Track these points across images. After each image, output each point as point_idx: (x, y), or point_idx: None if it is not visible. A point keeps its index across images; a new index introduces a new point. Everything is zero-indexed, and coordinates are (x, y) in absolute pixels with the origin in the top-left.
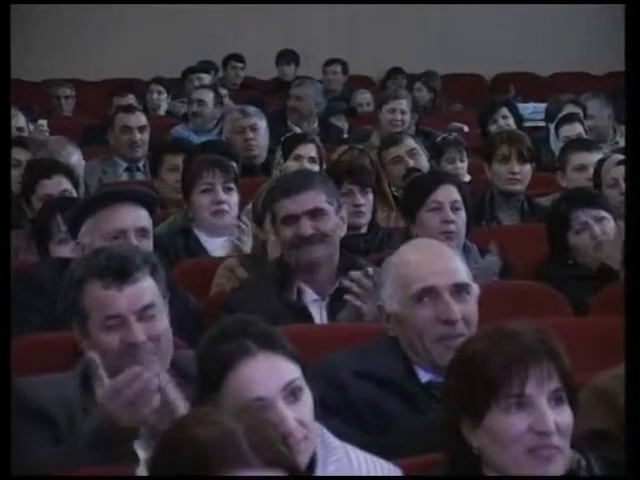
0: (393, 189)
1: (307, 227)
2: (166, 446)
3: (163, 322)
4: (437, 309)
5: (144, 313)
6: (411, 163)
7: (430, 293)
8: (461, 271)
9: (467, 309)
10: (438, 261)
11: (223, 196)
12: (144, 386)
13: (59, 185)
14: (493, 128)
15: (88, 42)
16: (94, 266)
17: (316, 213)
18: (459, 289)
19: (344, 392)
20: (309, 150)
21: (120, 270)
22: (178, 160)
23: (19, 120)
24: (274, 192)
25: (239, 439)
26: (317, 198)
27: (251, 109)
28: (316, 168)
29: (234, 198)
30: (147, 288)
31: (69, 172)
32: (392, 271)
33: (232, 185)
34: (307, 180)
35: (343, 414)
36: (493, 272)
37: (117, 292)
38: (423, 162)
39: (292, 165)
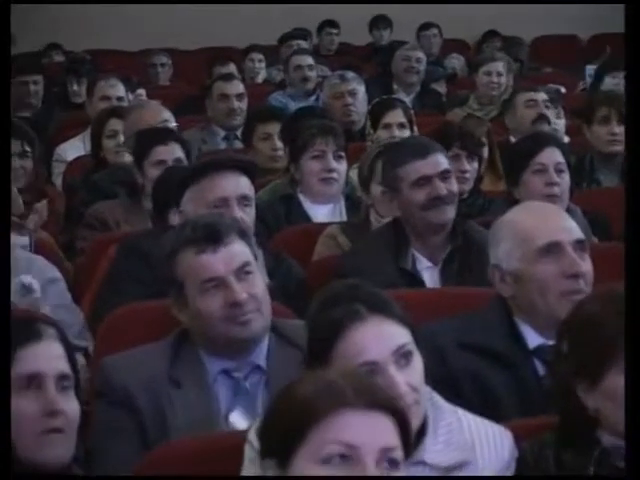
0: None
1: (442, 187)
2: (273, 405)
3: (260, 281)
4: (562, 264)
5: (241, 272)
6: (543, 111)
7: (555, 248)
8: (579, 229)
9: (587, 266)
10: (558, 218)
11: (334, 164)
12: None
13: (173, 153)
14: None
15: (183, 12)
16: (185, 235)
17: (446, 174)
18: (580, 246)
19: (445, 362)
20: (397, 116)
21: (212, 234)
22: (270, 128)
23: (119, 90)
24: (397, 156)
25: (342, 386)
26: (444, 160)
27: (350, 74)
28: (407, 133)
29: (343, 166)
30: (240, 249)
31: (183, 141)
32: (511, 228)
33: (342, 153)
34: (431, 143)
35: (443, 385)
36: None
37: (212, 255)
38: (551, 115)
39: (382, 134)
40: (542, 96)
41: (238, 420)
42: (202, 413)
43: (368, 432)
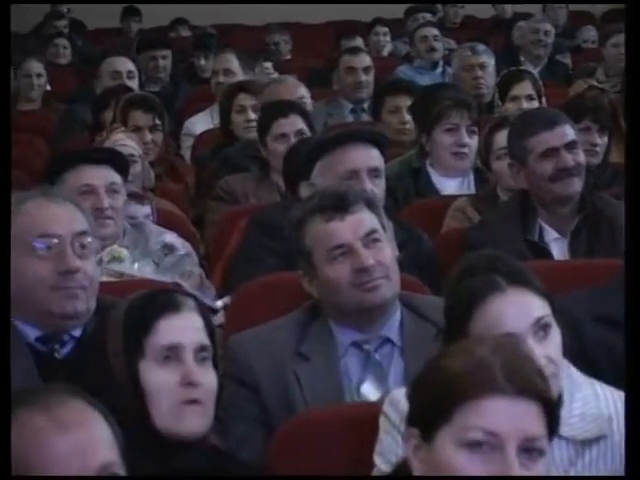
0: None
1: (569, 159)
2: (422, 375)
3: (388, 249)
4: None
5: (368, 239)
6: None
7: None
8: None
9: None
10: None
11: (466, 138)
12: None
13: (295, 125)
14: None
15: None
16: (312, 204)
17: (573, 146)
18: None
19: (579, 335)
20: (525, 88)
21: (339, 202)
22: (399, 102)
23: (226, 63)
24: (524, 127)
25: (493, 367)
26: (571, 131)
27: (481, 47)
28: (535, 105)
29: (475, 141)
30: (367, 216)
31: (304, 113)
32: None
33: (475, 128)
34: (558, 114)
35: (577, 358)
36: None
37: (340, 222)
38: None
39: (510, 107)
40: None
41: (370, 392)
42: (331, 385)
43: (514, 421)
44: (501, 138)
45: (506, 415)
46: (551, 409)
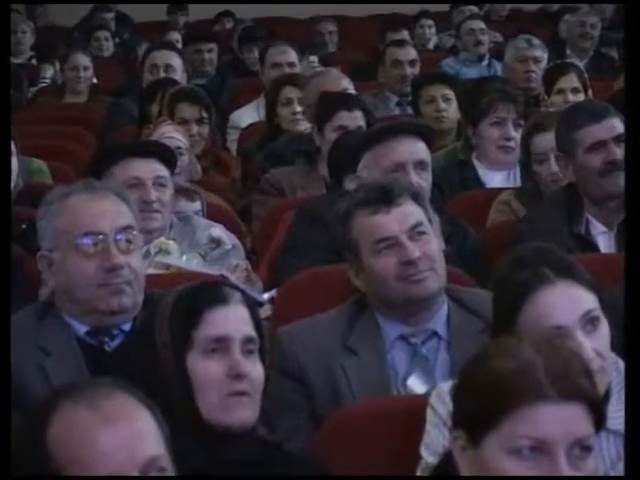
0: None
1: (617, 152)
2: (468, 375)
3: (435, 241)
4: None
5: (414, 232)
6: None
7: None
8: None
9: None
10: None
11: (513, 132)
12: None
13: (356, 120)
14: None
15: None
16: (358, 198)
17: (621, 139)
18: None
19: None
20: (571, 81)
21: (385, 195)
22: (433, 91)
23: (290, 56)
24: (572, 119)
25: (538, 371)
26: (620, 124)
27: (536, 41)
28: (581, 98)
29: (520, 136)
30: (413, 209)
31: (366, 109)
32: None
33: (522, 122)
34: (607, 107)
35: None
36: None
37: (385, 215)
38: None
39: (556, 100)
40: None
41: (416, 385)
42: (378, 379)
43: (561, 426)
44: (539, 143)
45: (553, 421)
46: (597, 406)
